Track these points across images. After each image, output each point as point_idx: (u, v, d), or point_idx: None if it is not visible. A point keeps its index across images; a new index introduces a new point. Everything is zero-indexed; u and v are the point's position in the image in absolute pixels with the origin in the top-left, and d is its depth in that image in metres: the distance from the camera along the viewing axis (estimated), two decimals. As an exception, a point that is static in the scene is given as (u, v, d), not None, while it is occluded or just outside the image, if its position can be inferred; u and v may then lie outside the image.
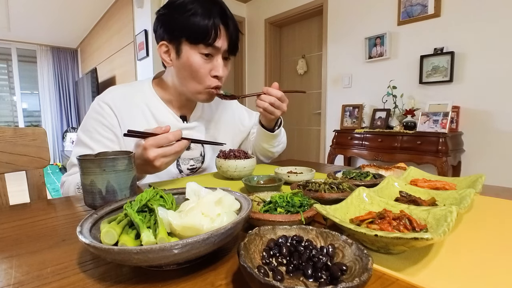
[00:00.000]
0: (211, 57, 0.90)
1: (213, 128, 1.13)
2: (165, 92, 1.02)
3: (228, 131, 1.18)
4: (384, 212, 0.45)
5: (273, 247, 0.36)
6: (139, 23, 3.83)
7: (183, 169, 1.04)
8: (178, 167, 1.03)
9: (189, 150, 1.05)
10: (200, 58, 0.88)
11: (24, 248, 0.45)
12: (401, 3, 2.88)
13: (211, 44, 0.86)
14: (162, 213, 0.41)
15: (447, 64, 2.61)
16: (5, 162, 0.86)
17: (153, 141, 0.70)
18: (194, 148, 1.06)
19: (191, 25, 0.84)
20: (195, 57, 0.88)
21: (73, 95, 6.88)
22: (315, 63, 3.95)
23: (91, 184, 0.59)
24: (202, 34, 0.85)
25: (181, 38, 0.88)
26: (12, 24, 5.21)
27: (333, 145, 3.21)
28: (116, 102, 0.94)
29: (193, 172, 1.07)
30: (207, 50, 0.88)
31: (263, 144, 1.13)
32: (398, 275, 0.36)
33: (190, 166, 1.05)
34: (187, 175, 1.05)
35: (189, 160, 1.05)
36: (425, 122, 2.55)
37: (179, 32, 0.87)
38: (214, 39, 0.86)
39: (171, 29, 0.89)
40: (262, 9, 4.40)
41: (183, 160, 1.04)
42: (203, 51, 0.87)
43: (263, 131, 1.08)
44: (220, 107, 1.18)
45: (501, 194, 0.72)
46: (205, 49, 0.87)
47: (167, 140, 0.71)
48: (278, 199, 0.53)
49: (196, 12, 0.84)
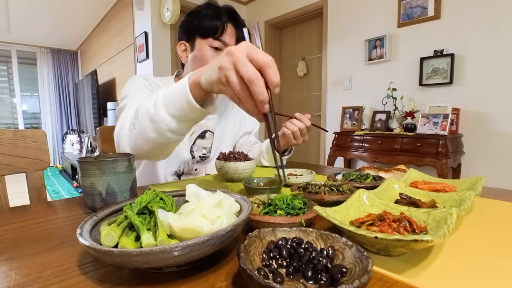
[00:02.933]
0: (219, 52, 1.02)
1: (223, 122, 1.21)
2: None
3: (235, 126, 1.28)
4: (384, 214, 0.45)
5: (273, 249, 0.36)
6: (139, 25, 3.84)
7: (196, 155, 1.12)
8: (192, 153, 1.11)
9: (204, 139, 1.13)
10: (209, 50, 1.02)
11: (24, 250, 0.45)
12: (401, 5, 2.89)
13: (218, 37, 1.01)
14: (162, 215, 0.41)
15: (447, 66, 2.61)
16: (5, 164, 0.85)
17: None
18: (208, 137, 1.14)
19: (203, 23, 1.01)
20: (205, 48, 1.02)
21: (73, 97, 6.88)
22: (315, 65, 3.96)
23: (91, 186, 0.59)
24: (211, 29, 1.00)
25: (195, 36, 1.04)
26: (12, 26, 5.22)
27: (333, 147, 3.21)
28: (152, 78, 1.06)
29: (202, 159, 1.15)
30: (216, 44, 1.02)
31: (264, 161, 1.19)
32: (398, 277, 0.36)
33: (202, 154, 1.14)
34: (197, 162, 1.13)
35: (202, 149, 1.13)
36: (425, 124, 2.55)
37: (194, 30, 1.04)
38: (221, 33, 1.01)
39: (188, 30, 1.06)
40: (262, 11, 4.41)
41: (197, 147, 1.12)
42: (212, 43, 1.02)
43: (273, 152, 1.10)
44: (229, 104, 1.26)
45: (501, 196, 0.72)
46: (214, 42, 1.02)
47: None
48: (278, 201, 0.53)
49: (207, 14, 1.01)
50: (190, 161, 1.10)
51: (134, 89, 0.98)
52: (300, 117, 1.04)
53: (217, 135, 1.17)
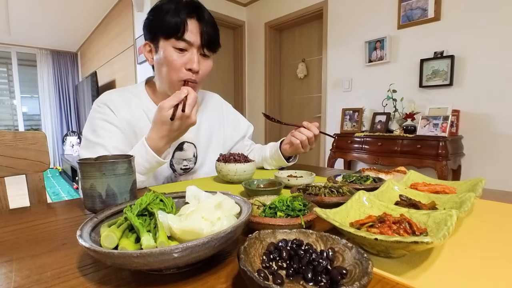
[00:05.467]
0: (185, 52, 0.94)
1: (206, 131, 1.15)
2: (155, 94, 1.06)
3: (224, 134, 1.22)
4: (384, 215, 0.45)
5: (273, 251, 0.36)
6: (139, 27, 3.83)
7: (177, 168, 1.07)
8: (172, 167, 1.06)
9: (182, 151, 1.08)
10: (174, 51, 0.92)
11: (24, 252, 0.45)
12: (401, 7, 2.89)
13: (180, 37, 0.91)
14: (162, 217, 0.41)
15: (447, 68, 2.61)
16: (5, 166, 0.85)
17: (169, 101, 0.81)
18: (186, 149, 1.09)
19: (164, 22, 0.91)
20: (169, 50, 0.92)
21: (73, 98, 6.88)
22: (315, 67, 3.96)
23: (91, 187, 0.59)
24: (172, 28, 0.90)
25: (158, 36, 0.94)
26: (12, 28, 5.23)
27: (333, 148, 3.21)
28: (113, 102, 0.98)
29: (185, 172, 1.10)
30: (180, 45, 0.92)
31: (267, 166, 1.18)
32: (398, 279, 0.36)
33: (183, 166, 1.08)
34: (180, 174, 1.09)
35: (182, 161, 1.08)
36: (425, 126, 2.55)
37: (156, 30, 0.94)
38: (183, 32, 0.91)
39: (151, 29, 0.96)
40: (262, 13, 4.42)
41: (177, 160, 1.07)
42: (176, 45, 0.92)
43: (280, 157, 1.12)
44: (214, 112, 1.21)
45: (501, 198, 0.72)
46: (177, 43, 0.92)
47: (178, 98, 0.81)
48: (278, 203, 0.53)
49: (169, 10, 0.91)
50: (172, 175, 1.07)
51: (90, 136, 0.94)
52: (308, 126, 1.05)
53: (202, 145, 1.12)
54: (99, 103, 0.98)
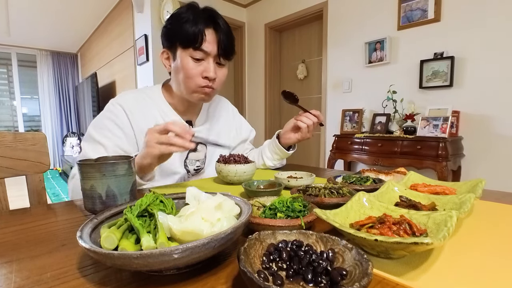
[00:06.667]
0: (202, 61, 0.96)
1: (215, 133, 1.18)
2: (171, 97, 1.08)
3: (229, 136, 1.25)
4: (384, 216, 0.45)
5: (273, 252, 0.36)
6: (139, 28, 3.85)
7: (190, 169, 1.10)
8: (186, 168, 1.09)
9: (196, 152, 1.11)
10: (191, 61, 0.95)
11: (24, 252, 0.45)
12: (401, 8, 2.89)
13: (198, 47, 0.93)
14: (162, 218, 0.41)
15: (447, 68, 2.61)
16: (5, 167, 0.86)
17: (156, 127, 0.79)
18: (200, 150, 1.12)
19: (182, 31, 0.93)
20: (186, 59, 0.95)
21: (73, 100, 6.88)
22: (315, 68, 3.97)
23: (91, 188, 0.59)
24: (190, 39, 0.92)
25: (176, 44, 0.96)
26: (12, 29, 5.23)
27: (333, 149, 3.21)
28: (129, 104, 1.00)
29: (197, 172, 1.13)
30: (198, 55, 0.94)
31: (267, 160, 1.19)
32: (398, 280, 0.36)
33: (196, 167, 1.12)
34: (192, 175, 1.12)
35: (195, 162, 1.11)
36: (425, 127, 2.55)
37: (175, 38, 0.96)
38: (200, 43, 0.93)
39: (169, 37, 0.98)
40: (262, 14, 4.43)
41: (190, 161, 1.10)
42: (194, 55, 0.94)
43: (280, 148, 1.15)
44: (223, 115, 1.25)
45: (501, 199, 0.72)
46: (195, 53, 0.94)
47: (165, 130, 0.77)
48: (278, 204, 0.53)
49: (188, 19, 0.92)
50: (186, 176, 1.09)
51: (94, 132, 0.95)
52: (317, 114, 1.08)
53: (210, 146, 1.15)
54: (114, 102, 0.99)
